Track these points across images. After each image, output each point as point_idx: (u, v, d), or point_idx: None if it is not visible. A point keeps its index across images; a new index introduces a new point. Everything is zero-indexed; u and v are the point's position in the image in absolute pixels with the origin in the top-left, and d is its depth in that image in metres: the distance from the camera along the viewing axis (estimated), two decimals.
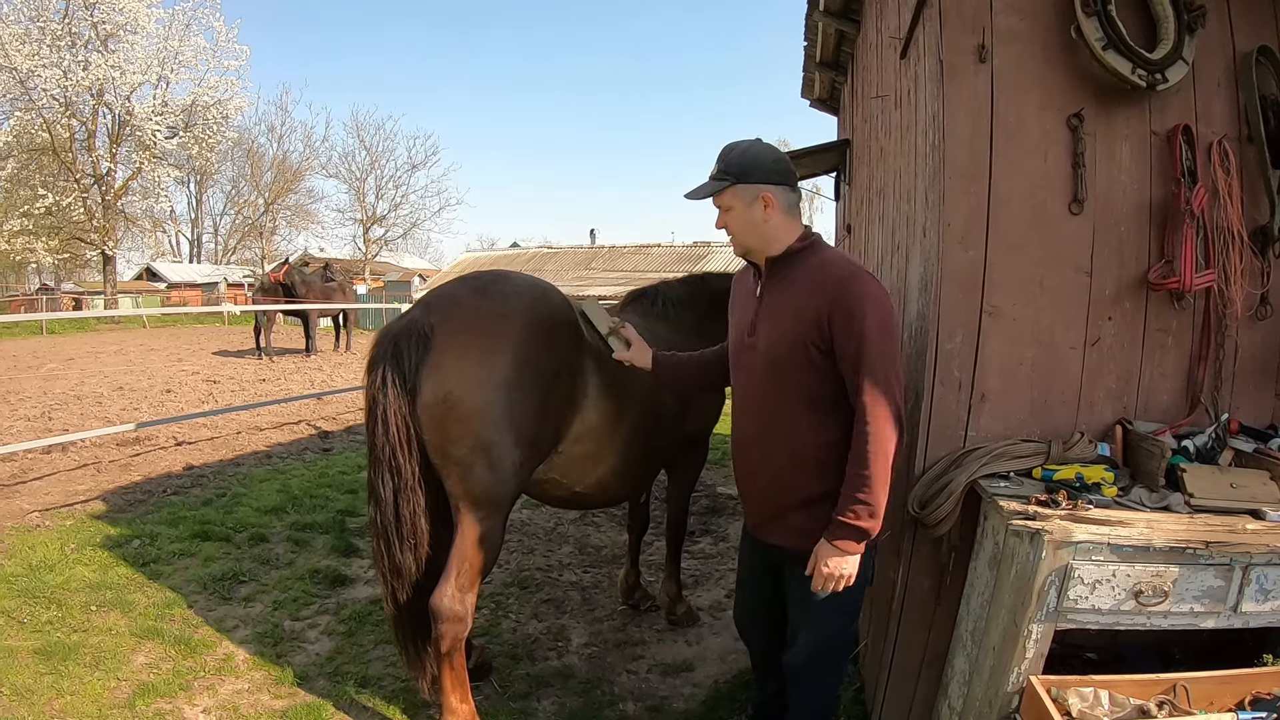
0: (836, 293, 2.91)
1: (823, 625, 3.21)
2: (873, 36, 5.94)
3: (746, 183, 3.06)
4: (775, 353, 3.10)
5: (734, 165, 3.09)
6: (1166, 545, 2.72)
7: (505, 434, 3.61)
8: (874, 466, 2.83)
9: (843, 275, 2.95)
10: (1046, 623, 2.78)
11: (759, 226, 3.10)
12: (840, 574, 2.96)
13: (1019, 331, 3.40)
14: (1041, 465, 3.23)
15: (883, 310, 2.89)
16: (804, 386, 3.04)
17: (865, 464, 2.84)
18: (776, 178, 3.07)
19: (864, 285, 2.91)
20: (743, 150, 3.11)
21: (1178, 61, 3.28)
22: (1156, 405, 3.52)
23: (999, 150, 3.35)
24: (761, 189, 3.05)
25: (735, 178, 3.08)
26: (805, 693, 3.38)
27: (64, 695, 4.23)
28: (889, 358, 2.87)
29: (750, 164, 3.07)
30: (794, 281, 3.08)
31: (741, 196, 3.08)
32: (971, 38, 3.33)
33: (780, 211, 3.08)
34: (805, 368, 3.01)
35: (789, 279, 3.10)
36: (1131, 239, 3.44)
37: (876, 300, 2.88)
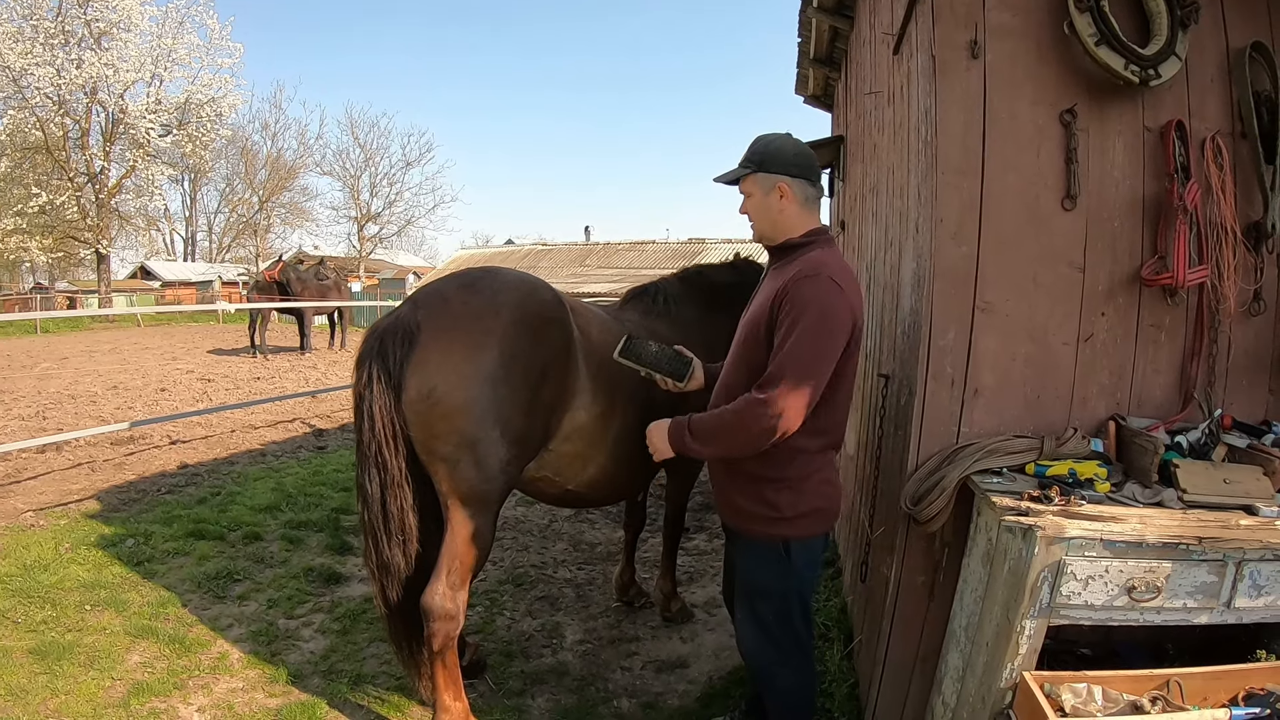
0: (792, 284, 3.06)
1: (754, 605, 3.48)
2: (866, 32, 5.94)
3: (766, 171, 3.25)
4: (743, 333, 3.34)
5: (757, 154, 3.28)
6: (1159, 541, 2.71)
7: (491, 430, 3.60)
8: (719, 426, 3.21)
9: (806, 272, 3.07)
10: (1040, 619, 2.78)
11: (772, 214, 3.29)
12: (653, 443, 3.53)
13: (1012, 327, 3.39)
14: (1035, 461, 3.22)
15: (824, 315, 3.00)
16: (754, 369, 3.18)
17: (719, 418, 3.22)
18: (795, 170, 3.23)
19: (817, 286, 3.02)
20: (768, 141, 3.30)
21: (1171, 57, 3.28)
22: (1150, 401, 3.52)
23: (991, 146, 3.34)
24: (779, 179, 3.23)
25: (757, 166, 3.27)
26: (760, 680, 3.63)
27: (59, 695, 4.22)
28: (805, 361, 3.00)
29: (772, 155, 3.25)
30: (780, 272, 3.24)
31: (760, 184, 3.27)
32: (964, 33, 3.33)
33: (795, 203, 3.25)
34: (756, 350, 3.20)
35: (782, 270, 3.24)
36: (1125, 235, 3.44)
37: (822, 304, 2.99)
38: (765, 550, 3.33)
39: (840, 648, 4.62)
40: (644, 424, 4.14)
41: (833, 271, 3.07)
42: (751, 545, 3.39)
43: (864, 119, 6.10)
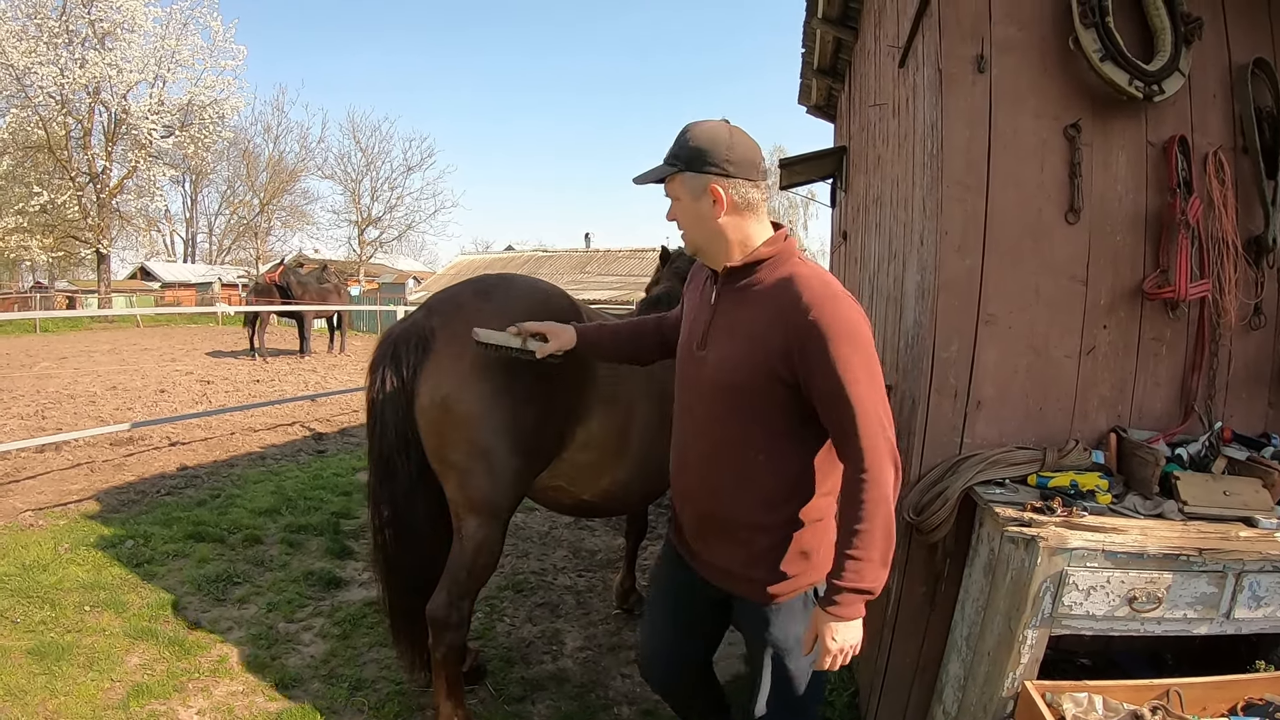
0: (810, 323, 2.45)
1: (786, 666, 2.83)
2: (871, 45, 5.97)
3: (695, 171, 2.58)
4: (731, 378, 2.65)
5: (685, 149, 2.61)
6: (1160, 552, 2.74)
7: (503, 439, 3.57)
8: (877, 518, 2.42)
9: (817, 302, 2.47)
10: (1041, 628, 2.80)
11: (707, 224, 2.63)
12: (848, 645, 2.56)
13: (1015, 340, 3.42)
14: (1036, 472, 3.25)
15: (865, 342, 2.47)
16: (764, 418, 2.63)
17: (864, 516, 2.41)
18: (731, 169, 2.56)
19: (843, 315, 2.46)
20: (699, 132, 2.61)
21: (1174, 73, 3.31)
22: (1151, 413, 3.55)
23: (996, 160, 3.37)
24: (711, 180, 2.57)
25: (684, 163, 2.60)
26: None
27: (57, 696, 4.22)
28: (879, 396, 2.46)
29: (703, 149, 2.58)
30: (756, 297, 2.63)
31: (688, 186, 2.61)
32: (970, 47, 3.36)
33: (732, 210, 2.60)
34: (767, 399, 2.60)
35: (750, 293, 2.65)
36: (1127, 248, 3.46)
37: (857, 332, 2.46)
38: (795, 605, 2.75)
39: None
40: (661, 435, 4.14)
41: (843, 287, 2.55)
42: (782, 607, 2.76)
43: (867, 130, 6.13)
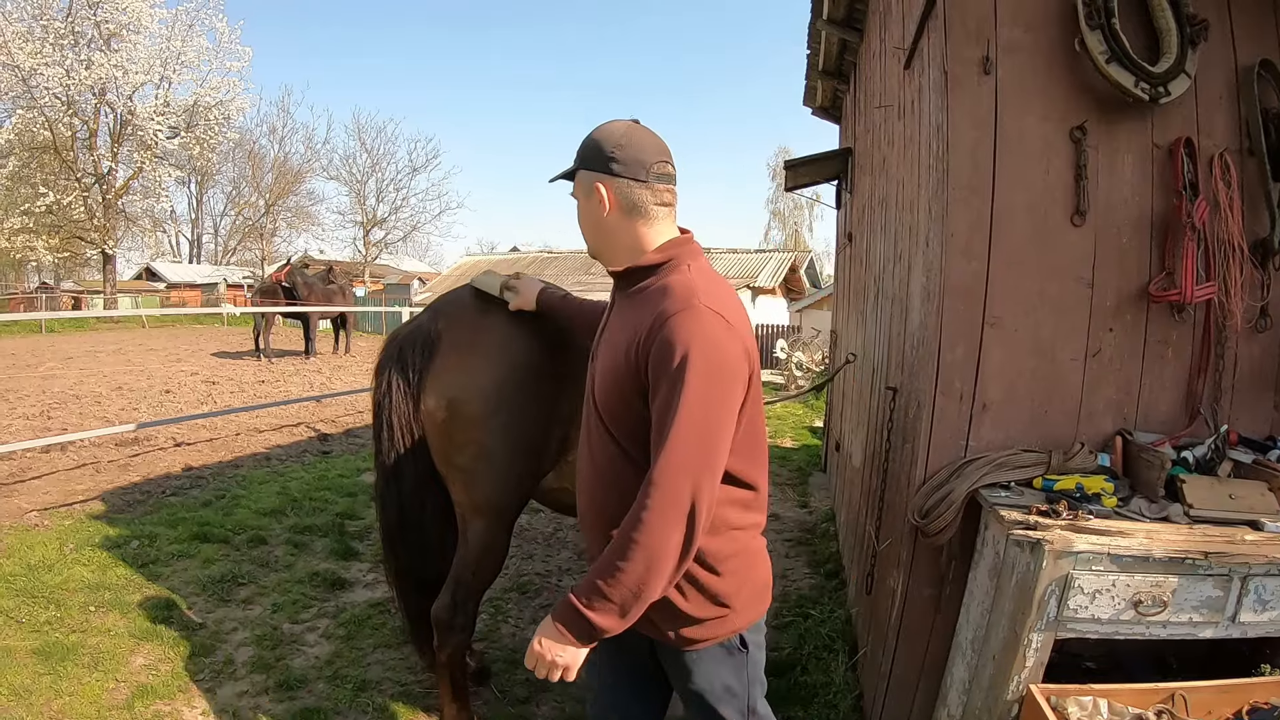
0: (660, 336, 2.21)
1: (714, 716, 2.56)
2: (875, 46, 5.96)
3: (586, 169, 2.45)
4: (603, 394, 2.48)
5: (582, 148, 2.48)
6: (1166, 555, 2.73)
7: (508, 442, 3.58)
8: (632, 561, 2.14)
9: (673, 312, 2.21)
10: (1046, 632, 2.79)
11: (597, 224, 2.47)
12: (554, 662, 2.27)
13: (1020, 342, 3.41)
14: (1042, 475, 3.24)
15: (713, 356, 2.16)
16: (640, 439, 2.34)
17: (624, 553, 2.15)
18: (616, 167, 2.38)
19: (696, 323, 2.17)
20: (597, 131, 2.47)
21: (1180, 75, 3.29)
22: (1156, 416, 3.53)
23: (1002, 162, 3.36)
24: (597, 178, 2.41)
25: (580, 162, 2.48)
26: None
27: (62, 696, 4.23)
28: (703, 429, 2.15)
29: (595, 147, 2.43)
30: (636, 309, 2.40)
31: (582, 186, 2.48)
32: (976, 49, 3.35)
33: (619, 211, 2.41)
34: (638, 418, 2.34)
35: (634, 301, 2.45)
36: (1132, 251, 3.45)
37: (706, 343, 2.15)
38: (718, 653, 2.50)
39: (845, 659, 4.62)
40: None
41: (710, 299, 2.24)
42: (702, 654, 2.50)
43: (873, 132, 6.12)
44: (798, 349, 21.28)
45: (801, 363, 20.66)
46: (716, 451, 2.19)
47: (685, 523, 2.14)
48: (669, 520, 2.13)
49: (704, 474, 2.16)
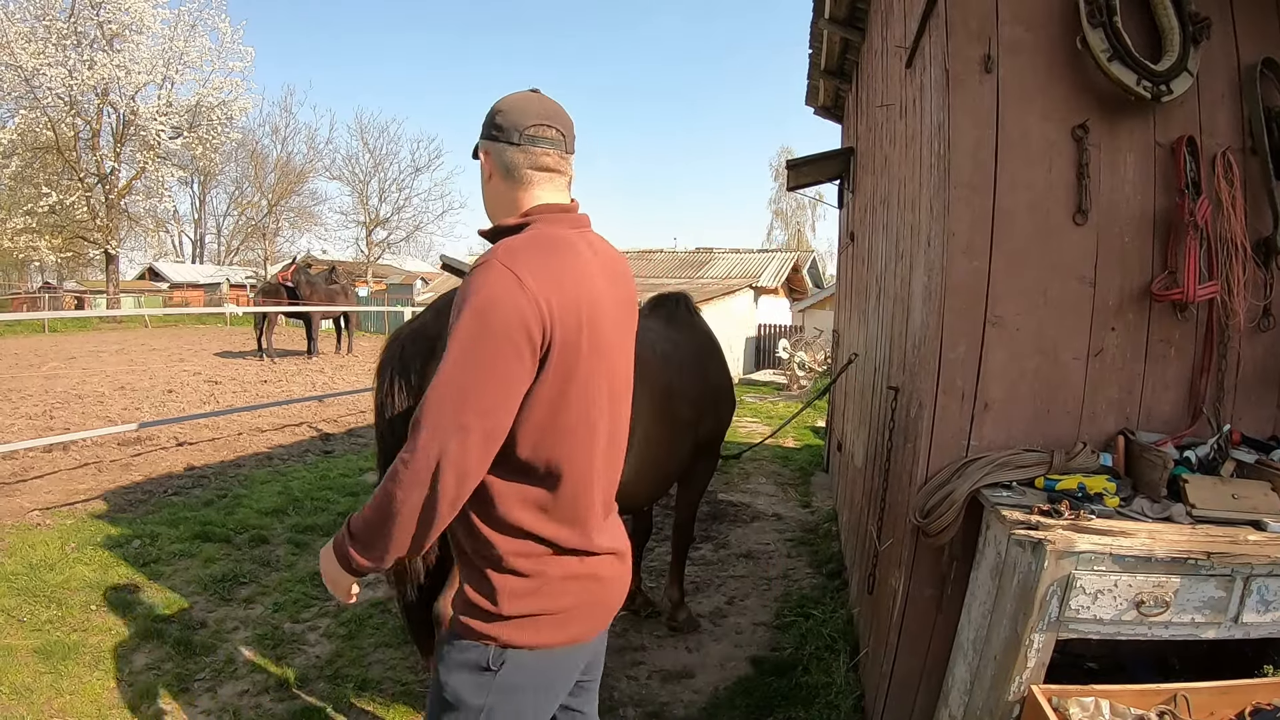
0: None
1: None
2: (878, 45, 5.96)
3: (480, 139, 2.38)
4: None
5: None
6: (1168, 556, 2.72)
7: None
8: (377, 509, 2.06)
9: (479, 260, 2.13)
10: (1048, 632, 2.78)
11: (484, 192, 2.41)
12: (328, 578, 2.25)
13: (1022, 341, 3.40)
14: (1044, 475, 3.23)
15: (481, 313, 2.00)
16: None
17: (376, 498, 2.07)
18: (495, 132, 2.31)
19: (483, 275, 2.04)
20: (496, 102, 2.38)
21: (1183, 73, 3.28)
22: (1159, 416, 3.52)
23: (1003, 160, 3.35)
24: (481, 145, 2.36)
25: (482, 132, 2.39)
26: None
27: (63, 695, 4.23)
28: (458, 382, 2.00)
29: (486, 116, 2.37)
30: None
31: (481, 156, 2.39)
32: (977, 48, 3.34)
33: (498, 177, 2.33)
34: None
35: None
36: (1135, 250, 3.44)
37: (483, 299, 2.01)
38: (468, 655, 2.21)
39: (846, 660, 4.61)
40: (665, 436, 4.11)
41: (514, 257, 2.07)
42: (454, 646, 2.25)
43: (875, 131, 6.12)
44: (800, 348, 21.29)
45: (804, 362, 20.66)
46: (467, 413, 1.99)
47: (429, 484, 2.00)
48: (411, 478, 2.00)
49: (451, 436, 1.99)
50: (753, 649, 5.28)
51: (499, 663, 2.19)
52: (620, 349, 2.33)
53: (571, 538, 2.22)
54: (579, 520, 2.24)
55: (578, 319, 2.09)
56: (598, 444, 2.25)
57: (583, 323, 2.10)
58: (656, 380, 4.31)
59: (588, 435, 2.20)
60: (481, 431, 2.01)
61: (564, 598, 2.21)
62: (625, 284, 2.40)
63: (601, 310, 2.19)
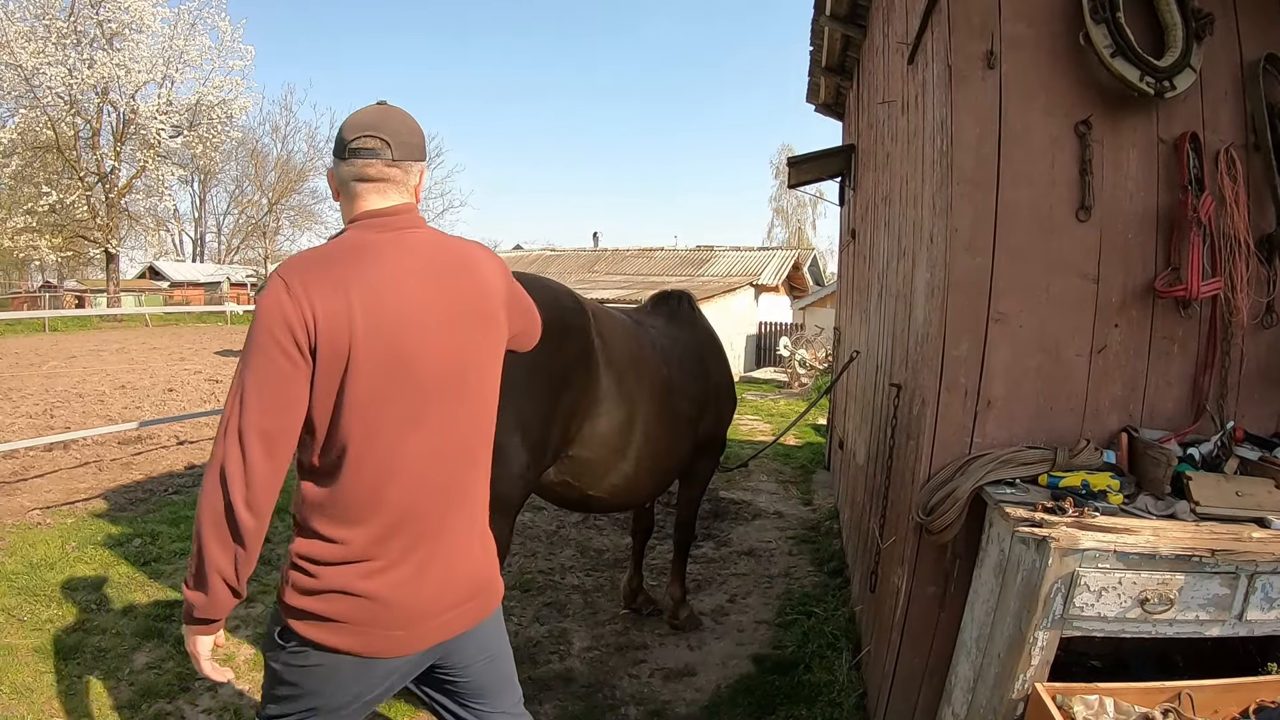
0: None
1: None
2: (879, 41, 5.94)
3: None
4: None
5: None
6: (1173, 553, 2.70)
7: (510, 436, 3.58)
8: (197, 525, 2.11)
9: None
10: (1052, 630, 2.77)
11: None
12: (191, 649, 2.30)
13: (1025, 338, 3.38)
14: (1047, 472, 3.22)
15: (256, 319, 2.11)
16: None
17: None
18: (334, 150, 2.39)
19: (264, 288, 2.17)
20: None
21: (1186, 69, 3.27)
22: (1162, 413, 3.51)
23: (1006, 157, 3.33)
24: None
25: None
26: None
27: (64, 694, 4.23)
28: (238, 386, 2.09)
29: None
30: None
31: None
32: (980, 44, 3.32)
33: (338, 192, 2.41)
34: None
35: None
36: (1138, 246, 3.43)
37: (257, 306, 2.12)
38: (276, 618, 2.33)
39: (848, 658, 4.60)
40: (666, 432, 4.13)
41: (290, 267, 2.18)
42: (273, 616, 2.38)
43: (876, 128, 6.10)
44: (801, 346, 21.29)
45: (805, 360, 20.67)
46: (246, 415, 2.06)
47: (220, 487, 2.06)
48: (207, 485, 2.07)
49: (233, 439, 2.06)
50: (755, 647, 5.27)
51: (288, 640, 2.25)
52: (447, 349, 2.28)
53: (353, 547, 2.21)
54: (363, 528, 2.22)
55: (356, 320, 2.11)
56: (403, 450, 2.23)
57: (365, 324, 2.12)
58: (656, 377, 4.32)
59: (373, 440, 2.19)
60: (258, 431, 2.06)
61: (339, 607, 2.21)
62: (461, 280, 2.35)
63: (405, 311, 2.19)
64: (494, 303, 2.42)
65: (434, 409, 2.25)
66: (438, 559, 2.31)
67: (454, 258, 2.36)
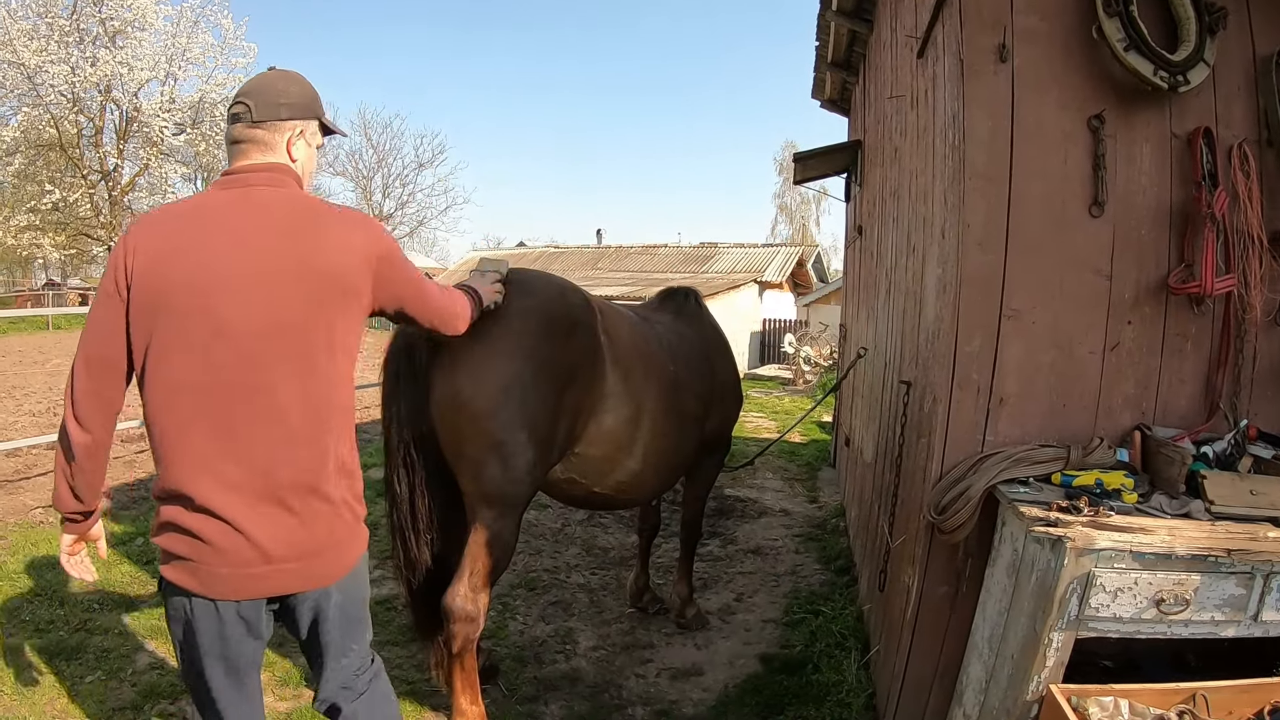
0: None
1: None
2: (886, 36, 5.91)
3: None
4: None
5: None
6: (1189, 553, 2.68)
7: (517, 433, 3.56)
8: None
9: None
10: (1067, 631, 2.74)
11: None
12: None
13: (1038, 335, 3.35)
14: (1061, 471, 3.18)
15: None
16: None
17: None
18: None
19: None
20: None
21: (1199, 63, 3.24)
22: (1175, 411, 3.48)
23: (1019, 151, 3.30)
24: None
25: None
26: None
27: (66, 696, 4.20)
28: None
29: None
30: None
31: None
32: (992, 37, 3.29)
33: None
34: None
35: None
36: (1151, 242, 3.40)
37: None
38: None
39: (857, 657, 4.57)
40: (672, 429, 4.11)
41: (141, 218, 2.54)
42: None
43: (884, 123, 6.07)
44: (806, 343, 21.28)
45: (810, 357, 20.66)
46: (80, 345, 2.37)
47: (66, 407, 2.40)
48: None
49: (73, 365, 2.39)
50: (762, 646, 5.24)
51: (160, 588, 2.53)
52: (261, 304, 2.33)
53: (171, 486, 2.36)
54: (176, 469, 2.34)
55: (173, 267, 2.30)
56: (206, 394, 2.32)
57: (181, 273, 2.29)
58: (663, 374, 4.29)
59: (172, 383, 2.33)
60: (84, 358, 2.35)
61: (175, 544, 2.39)
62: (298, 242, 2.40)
63: (221, 264, 2.30)
64: (339, 268, 2.44)
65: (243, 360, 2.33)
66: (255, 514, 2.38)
67: (298, 220, 2.43)
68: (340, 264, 2.44)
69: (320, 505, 2.47)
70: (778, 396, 18.72)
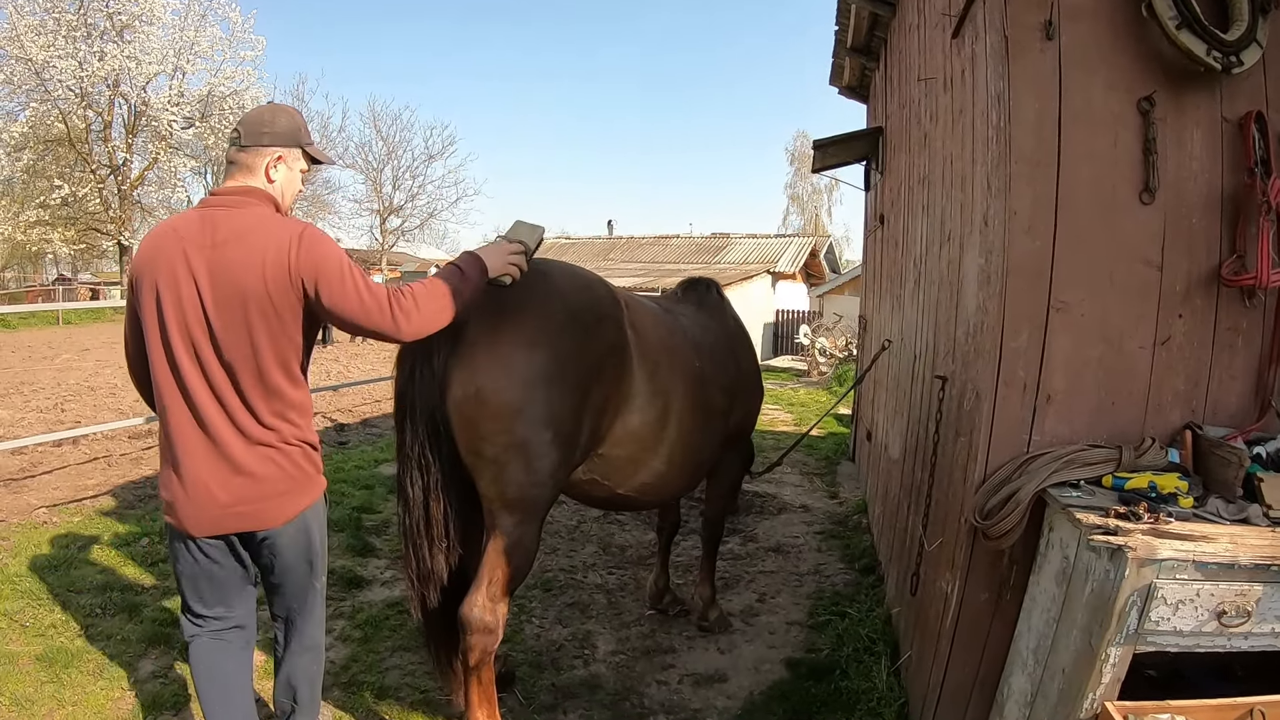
0: None
1: None
2: (913, 18, 5.74)
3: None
4: None
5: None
6: (1252, 562, 2.51)
7: (542, 433, 3.38)
8: None
9: None
10: (1126, 645, 2.57)
11: None
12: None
13: (1087, 328, 3.18)
14: (1112, 473, 3.01)
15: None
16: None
17: None
18: None
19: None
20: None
21: (1252, 44, 3.07)
22: (1225, 408, 3.31)
23: (1067, 134, 3.12)
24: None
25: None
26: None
27: (66, 705, 4.06)
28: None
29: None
30: None
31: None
32: (1038, 13, 3.11)
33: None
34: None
35: None
36: (1202, 231, 3.23)
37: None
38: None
39: (887, 664, 4.41)
40: (698, 426, 3.95)
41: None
42: None
43: (910, 108, 5.90)
44: (820, 334, 21.16)
45: (825, 348, 20.55)
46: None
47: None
48: None
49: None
50: (787, 650, 5.09)
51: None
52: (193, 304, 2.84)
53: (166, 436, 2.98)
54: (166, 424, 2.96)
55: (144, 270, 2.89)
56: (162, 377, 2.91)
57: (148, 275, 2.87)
58: (689, 368, 4.13)
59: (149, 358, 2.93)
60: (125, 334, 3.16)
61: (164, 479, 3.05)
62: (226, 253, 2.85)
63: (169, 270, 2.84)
64: (257, 276, 2.84)
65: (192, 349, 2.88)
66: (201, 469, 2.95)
67: (230, 234, 2.87)
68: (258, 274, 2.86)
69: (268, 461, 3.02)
70: (793, 389, 18.59)
